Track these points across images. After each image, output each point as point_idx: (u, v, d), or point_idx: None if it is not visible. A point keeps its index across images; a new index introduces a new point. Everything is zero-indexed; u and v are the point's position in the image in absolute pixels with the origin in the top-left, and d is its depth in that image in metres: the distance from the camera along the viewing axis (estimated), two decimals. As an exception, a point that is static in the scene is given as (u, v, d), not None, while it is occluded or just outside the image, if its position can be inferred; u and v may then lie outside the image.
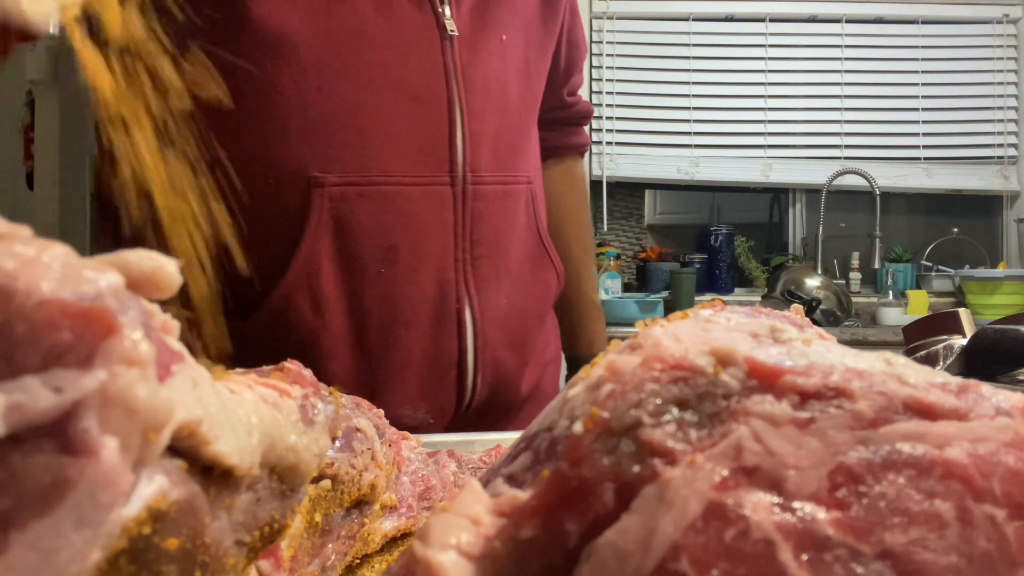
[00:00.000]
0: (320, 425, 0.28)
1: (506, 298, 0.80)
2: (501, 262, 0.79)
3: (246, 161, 0.70)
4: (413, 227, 0.73)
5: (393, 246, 0.72)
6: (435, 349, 0.76)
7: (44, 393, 0.15)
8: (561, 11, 0.90)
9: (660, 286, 2.85)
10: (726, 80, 3.01)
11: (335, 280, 0.72)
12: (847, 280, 2.98)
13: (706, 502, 0.18)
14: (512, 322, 0.81)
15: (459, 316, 0.76)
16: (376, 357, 0.74)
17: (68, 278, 0.15)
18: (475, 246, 0.77)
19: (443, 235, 0.75)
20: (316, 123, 0.71)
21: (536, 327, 0.86)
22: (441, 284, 0.75)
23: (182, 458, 0.19)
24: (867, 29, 3.04)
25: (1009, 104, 3.05)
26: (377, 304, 0.73)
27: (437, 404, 0.77)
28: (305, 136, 0.70)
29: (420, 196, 0.73)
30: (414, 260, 0.73)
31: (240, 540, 0.22)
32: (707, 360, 0.20)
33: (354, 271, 0.72)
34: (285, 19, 0.68)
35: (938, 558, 0.17)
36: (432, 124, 0.74)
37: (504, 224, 0.79)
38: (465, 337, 0.77)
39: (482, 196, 0.76)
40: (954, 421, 0.19)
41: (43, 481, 0.14)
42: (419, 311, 0.74)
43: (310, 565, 0.32)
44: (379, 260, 0.72)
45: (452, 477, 0.47)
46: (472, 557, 0.19)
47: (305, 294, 0.71)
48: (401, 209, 0.72)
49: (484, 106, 0.77)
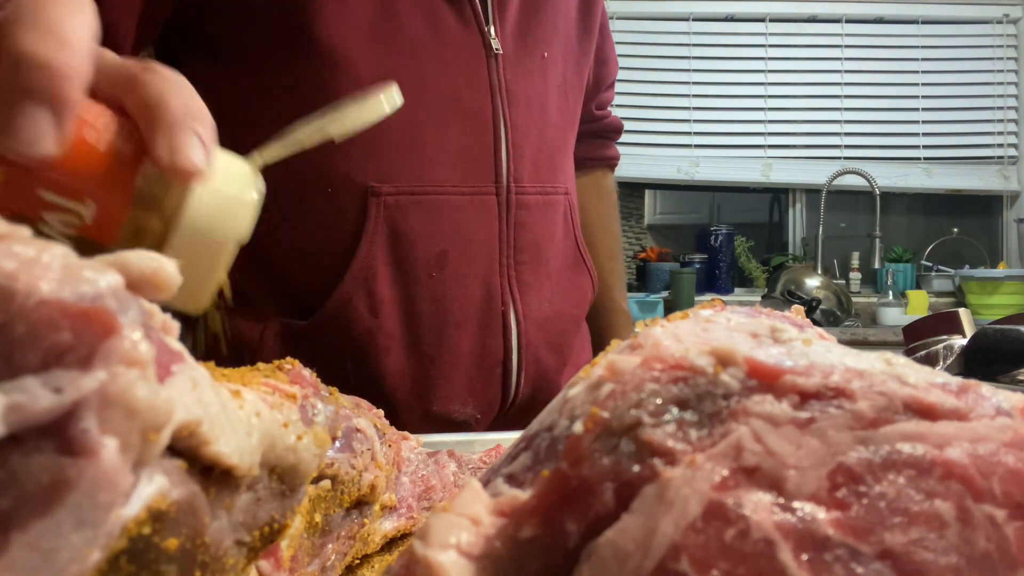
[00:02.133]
0: (320, 425, 0.28)
1: (547, 302, 0.84)
2: (542, 268, 0.84)
3: (306, 172, 0.74)
4: (462, 234, 0.77)
5: (443, 252, 0.77)
6: (482, 349, 0.80)
7: (44, 393, 0.15)
8: (596, 29, 0.95)
9: (660, 286, 2.85)
10: (726, 80, 3.01)
11: (390, 283, 0.76)
12: (847, 280, 2.98)
13: (706, 502, 0.18)
14: (552, 325, 0.85)
15: (504, 318, 0.80)
16: (428, 355, 0.78)
17: (68, 278, 0.15)
18: (518, 252, 0.81)
19: (489, 242, 0.79)
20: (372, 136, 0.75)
21: (573, 331, 0.90)
22: (487, 287, 0.79)
23: (182, 458, 0.19)
24: (867, 29, 3.04)
25: (1009, 104, 3.05)
26: (429, 306, 0.77)
27: (484, 401, 0.81)
28: (362, 148, 0.74)
29: (468, 205, 0.78)
30: (462, 265, 0.78)
31: (240, 540, 0.22)
32: (707, 360, 0.20)
33: (407, 275, 0.76)
34: (344, 36, 0.72)
35: (938, 558, 0.17)
36: (479, 137, 0.78)
37: (544, 232, 0.84)
38: (510, 338, 0.81)
39: (524, 205, 0.81)
40: (954, 421, 0.19)
41: (43, 481, 0.14)
42: (467, 313, 0.78)
43: (310, 565, 0.32)
44: (430, 265, 0.76)
45: (452, 477, 0.47)
46: (472, 557, 0.19)
47: (362, 296, 0.75)
48: (450, 217, 0.77)
49: (526, 121, 0.81)
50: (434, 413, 0.78)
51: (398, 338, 0.77)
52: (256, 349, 0.75)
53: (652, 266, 2.93)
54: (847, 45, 3.03)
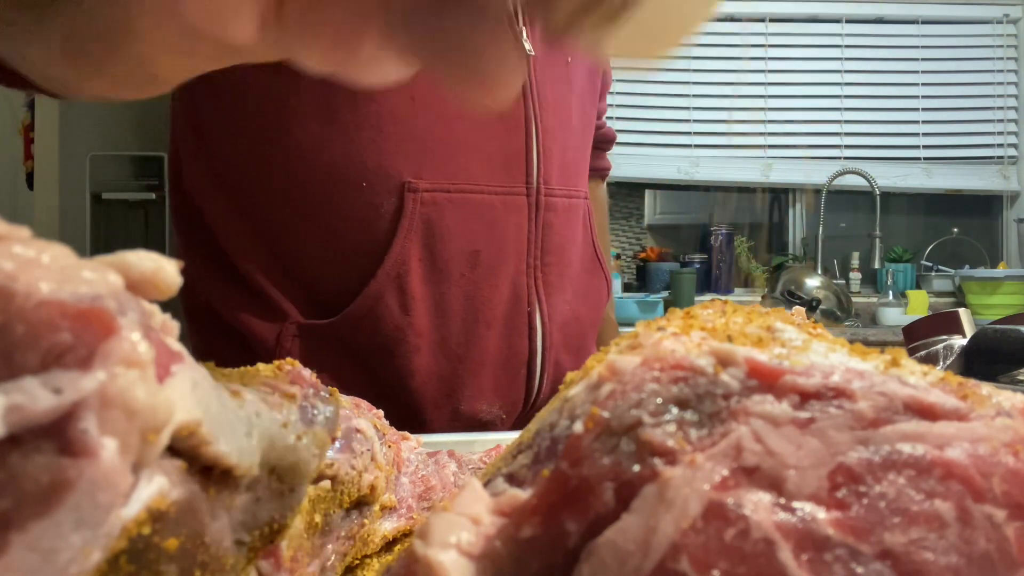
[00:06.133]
0: (320, 425, 0.28)
1: (568, 304, 0.85)
2: (565, 270, 0.84)
3: (343, 167, 0.74)
4: (494, 233, 0.77)
5: (476, 250, 0.77)
6: (508, 349, 0.80)
7: (43, 394, 0.15)
8: None
9: (660, 286, 2.85)
10: (726, 80, 3.01)
11: (422, 280, 0.75)
12: (847, 280, 2.98)
13: (706, 502, 0.18)
14: (572, 327, 0.86)
15: (530, 319, 0.81)
16: (457, 355, 0.78)
17: (67, 279, 0.15)
18: (545, 254, 0.81)
19: (519, 242, 0.79)
20: (409, 132, 0.74)
21: (591, 334, 0.91)
22: (516, 288, 0.79)
23: (182, 458, 0.19)
24: (867, 29, 3.04)
25: (1009, 104, 3.05)
26: (460, 304, 0.77)
27: (509, 400, 0.81)
28: (399, 144, 0.74)
29: (500, 205, 0.77)
30: (494, 264, 0.78)
31: (240, 540, 0.22)
32: (707, 360, 0.20)
33: (440, 272, 0.76)
34: None
35: (938, 558, 0.17)
36: (511, 138, 0.78)
37: (569, 234, 0.84)
38: (535, 339, 0.81)
39: (552, 207, 0.81)
40: (954, 421, 0.19)
41: (42, 482, 0.14)
42: (496, 313, 0.78)
43: (310, 565, 0.32)
44: (463, 263, 0.76)
45: (452, 477, 0.47)
46: (472, 556, 0.19)
47: (394, 293, 0.75)
48: (484, 216, 0.77)
49: (554, 124, 0.81)
50: (462, 412, 0.78)
51: (428, 336, 0.76)
52: (272, 350, 0.75)
53: (652, 266, 2.93)
54: (847, 45, 3.03)
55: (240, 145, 0.76)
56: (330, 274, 0.76)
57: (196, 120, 0.79)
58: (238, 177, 0.77)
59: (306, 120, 0.73)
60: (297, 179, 0.75)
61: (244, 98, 0.75)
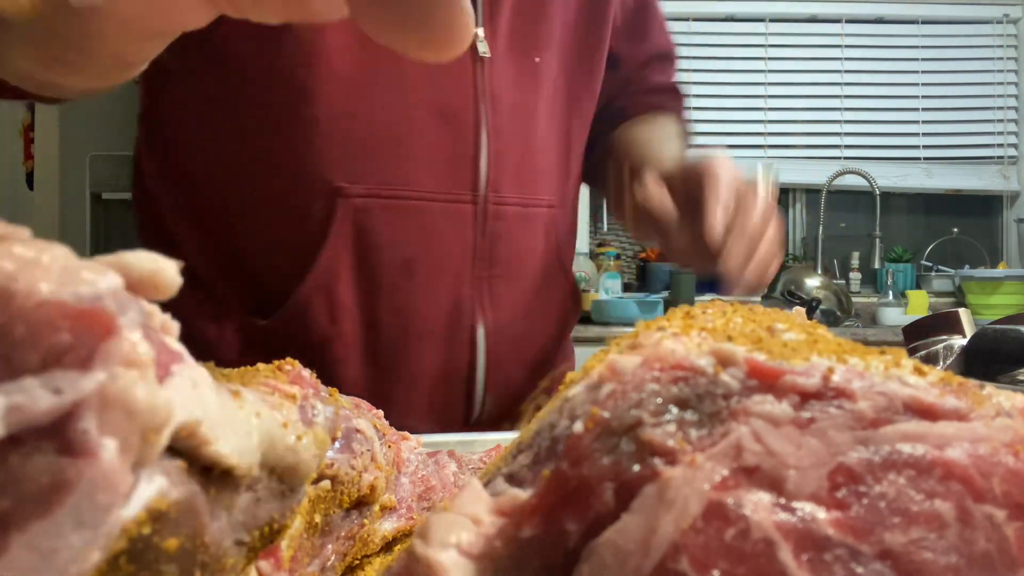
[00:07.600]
0: (320, 426, 0.28)
1: (521, 318, 0.80)
2: (517, 283, 0.80)
3: (274, 165, 0.71)
4: (432, 242, 0.74)
5: (411, 259, 0.73)
6: (446, 364, 0.76)
7: (43, 394, 0.15)
8: (605, 36, 0.89)
9: (660, 286, 2.85)
10: (726, 80, 3.01)
11: (352, 289, 0.72)
12: (847, 280, 2.98)
13: (706, 502, 0.18)
14: (527, 343, 0.82)
15: (472, 333, 0.77)
16: (387, 367, 0.74)
17: (67, 279, 0.15)
18: (493, 265, 0.77)
19: (461, 252, 0.75)
20: (345, 134, 0.71)
21: (553, 348, 0.87)
22: (456, 300, 0.75)
23: (182, 458, 0.19)
24: (867, 29, 3.04)
25: (1009, 104, 3.05)
26: (391, 315, 0.73)
27: (445, 418, 0.77)
28: (333, 146, 0.71)
29: (441, 212, 0.74)
30: (431, 275, 0.74)
31: (240, 540, 0.22)
32: (707, 360, 0.20)
33: (371, 281, 0.73)
34: (321, 28, 0.68)
35: (938, 558, 0.17)
36: (458, 142, 0.74)
37: (523, 245, 0.80)
38: (477, 354, 0.77)
39: (503, 216, 0.77)
40: (954, 421, 0.19)
41: (42, 482, 0.14)
42: (433, 325, 0.75)
43: (310, 565, 0.32)
44: (396, 272, 0.73)
45: (452, 477, 0.47)
46: (472, 556, 0.19)
47: (322, 300, 0.72)
48: (421, 224, 0.73)
49: (510, 128, 0.77)
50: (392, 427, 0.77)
51: (356, 347, 0.73)
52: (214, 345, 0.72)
53: (652, 266, 2.93)
54: (847, 45, 3.03)
55: (193, 142, 0.75)
56: (268, 278, 0.74)
57: (154, 115, 0.78)
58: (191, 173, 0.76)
59: (248, 120, 0.72)
60: (240, 179, 0.73)
61: (195, 94, 0.73)
